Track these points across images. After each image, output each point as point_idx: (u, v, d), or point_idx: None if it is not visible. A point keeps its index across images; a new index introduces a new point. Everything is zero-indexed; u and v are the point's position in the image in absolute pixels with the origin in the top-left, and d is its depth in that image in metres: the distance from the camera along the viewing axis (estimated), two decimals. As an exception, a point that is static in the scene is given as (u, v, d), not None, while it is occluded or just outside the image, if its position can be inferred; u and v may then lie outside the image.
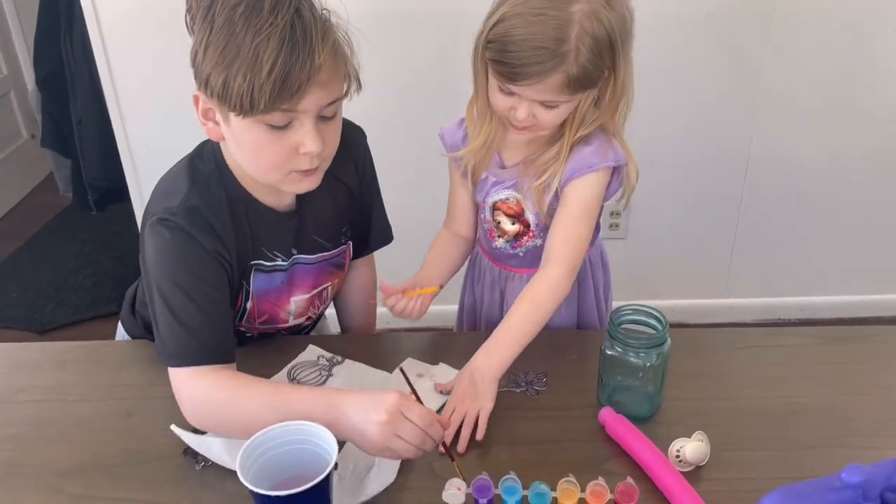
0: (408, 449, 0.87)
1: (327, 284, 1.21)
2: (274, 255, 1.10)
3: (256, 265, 1.09)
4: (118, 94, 2.10)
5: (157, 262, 0.99)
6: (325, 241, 1.16)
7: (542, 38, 0.98)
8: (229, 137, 0.97)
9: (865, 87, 2.11)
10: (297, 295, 1.17)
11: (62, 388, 1.11)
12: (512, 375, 1.10)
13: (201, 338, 0.98)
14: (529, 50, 0.99)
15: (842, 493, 0.67)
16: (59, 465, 0.97)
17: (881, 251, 2.36)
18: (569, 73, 1.00)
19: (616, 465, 0.94)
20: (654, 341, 0.96)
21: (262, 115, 0.90)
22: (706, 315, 2.41)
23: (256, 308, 1.13)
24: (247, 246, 1.06)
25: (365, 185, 1.21)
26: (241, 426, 0.92)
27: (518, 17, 1.00)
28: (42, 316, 2.60)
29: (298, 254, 1.13)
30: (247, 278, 1.09)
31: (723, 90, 2.10)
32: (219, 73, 0.88)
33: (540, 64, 0.99)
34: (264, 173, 1.00)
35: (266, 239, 1.08)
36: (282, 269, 1.12)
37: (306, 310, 1.21)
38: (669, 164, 2.17)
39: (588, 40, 0.99)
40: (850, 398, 1.05)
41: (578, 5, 0.99)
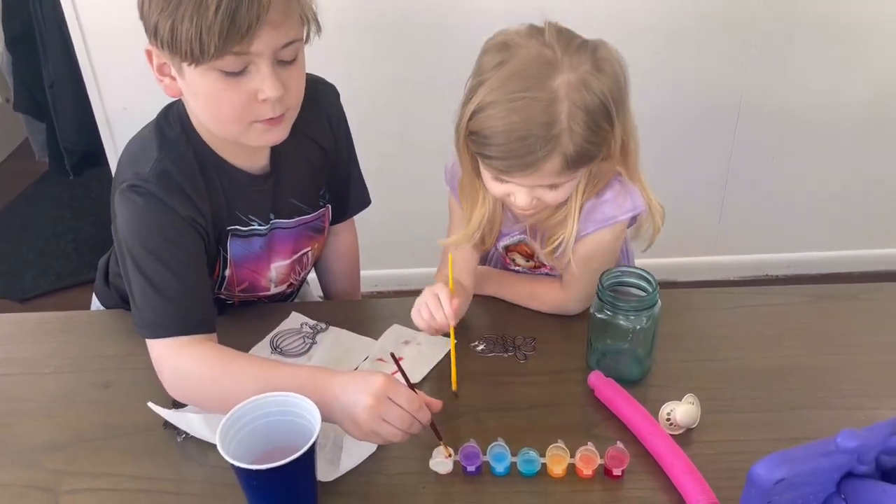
0: (394, 433, 0.84)
1: (307, 249, 1.18)
2: (250, 220, 1.07)
3: (233, 230, 1.06)
4: (91, 55, 2.02)
5: (129, 231, 0.96)
6: (304, 204, 1.13)
7: (527, 125, 0.89)
8: (186, 91, 0.93)
9: (859, 41, 2.08)
10: (278, 261, 1.14)
11: (38, 361, 1.08)
12: (500, 340, 1.08)
13: (179, 307, 0.95)
14: (516, 141, 0.90)
15: (836, 458, 0.65)
16: (36, 440, 0.95)
17: (868, 206, 2.36)
18: (566, 154, 0.91)
19: (606, 430, 0.93)
20: (645, 304, 0.94)
21: (214, 61, 0.86)
22: (694, 272, 2.41)
23: (236, 276, 1.11)
24: (221, 211, 1.03)
25: (341, 145, 1.17)
26: (223, 402, 0.88)
27: (497, 106, 0.90)
28: (23, 284, 2.56)
29: (276, 218, 1.10)
30: (223, 245, 1.06)
31: (714, 42, 2.06)
32: (165, 19, 0.84)
33: (531, 154, 0.90)
34: (225, 126, 0.95)
35: (241, 203, 1.05)
36: (259, 233, 1.09)
37: (287, 276, 1.18)
38: (658, 119, 2.14)
39: (580, 115, 0.90)
40: (838, 357, 1.04)
41: (562, 77, 0.90)
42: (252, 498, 0.80)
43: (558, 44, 0.93)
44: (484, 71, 0.94)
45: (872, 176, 2.30)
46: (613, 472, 0.86)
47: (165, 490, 0.87)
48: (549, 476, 0.87)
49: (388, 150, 2.16)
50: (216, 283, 1.10)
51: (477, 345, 1.08)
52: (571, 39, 0.94)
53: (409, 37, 2.02)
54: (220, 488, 0.87)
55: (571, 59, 0.92)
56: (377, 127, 2.12)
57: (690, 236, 2.38)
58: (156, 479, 0.89)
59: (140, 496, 0.87)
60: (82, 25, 1.98)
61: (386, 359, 1.05)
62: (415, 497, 0.86)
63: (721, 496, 0.80)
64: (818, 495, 0.68)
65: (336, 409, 0.86)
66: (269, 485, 0.77)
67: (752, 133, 2.20)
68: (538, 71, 0.91)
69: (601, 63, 0.93)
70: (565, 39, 0.94)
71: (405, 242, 2.15)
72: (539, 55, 0.92)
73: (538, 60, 0.91)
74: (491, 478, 0.88)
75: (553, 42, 0.93)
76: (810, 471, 0.66)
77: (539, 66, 0.91)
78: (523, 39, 0.94)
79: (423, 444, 0.91)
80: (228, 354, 0.95)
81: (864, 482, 0.67)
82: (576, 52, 0.93)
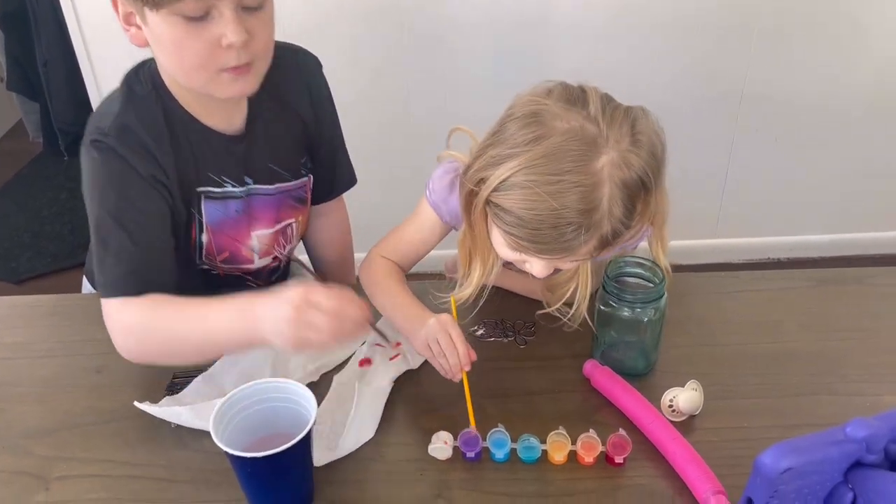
0: (322, 340, 0.82)
1: (291, 221, 1.16)
2: (223, 181, 1.04)
3: (206, 192, 1.03)
4: (84, 34, 1.99)
5: (88, 186, 0.95)
6: (283, 170, 1.10)
7: (566, 212, 0.79)
8: (151, 40, 0.91)
9: (863, 27, 2.05)
10: (259, 229, 1.11)
11: (28, 345, 1.07)
12: (499, 325, 1.07)
13: (130, 267, 0.94)
14: (550, 229, 0.81)
15: (845, 447, 0.64)
16: (26, 425, 0.93)
17: (870, 189, 2.34)
18: (602, 235, 0.83)
19: (607, 416, 0.91)
20: (651, 296, 0.91)
21: (175, 4, 0.84)
22: (696, 255, 2.39)
23: (214, 243, 1.08)
24: (189, 170, 1.00)
25: (324, 116, 1.14)
26: (163, 346, 0.90)
27: (530, 189, 0.80)
28: (19, 265, 2.54)
29: (255, 183, 1.07)
30: (196, 208, 1.04)
31: (718, 26, 2.04)
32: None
33: (565, 241, 0.81)
34: (190, 75, 0.93)
35: (212, 163, 1.02)
36: (234, 196, 1.06)
37: (271, 247, 1.15)
38: (661, 102, 2.11)
39: (620, 195, 0.81)
40: (842, 343, 1.03)
41: (606, 156, 0.80)
42: (247, 485, 0.79)
43: (603, 116, 0.83)
44: (512, 141, 0.83)
45: (875, 159, 2.28)
46: (615, 460, 0.84)
47: (158, 476, 0.86)
48: (549, 463, 0.86)
49: (388, 132, 2.14)
50: (195, 250, 1.07)
51: (476, 329, 1.06)
52: (615, 109, 0.84)
53: (413, 24, 1.99)
54: (213, 475, 0.85)
55: (614, 133, 0.82)
56: (379, 108, 2.10)
57: (692, 219, 2.37)
58: (148, 465, 0.87)
59: (132, 482, 0.85)
60: (75, 3, 1.94)
61: (384, 344, 1.03)
62: (413, 483, 0.85)
63: (724, 483, 0.78)
64: (825, 484, 0.67)
65: (266, 331, 0.84)
66: (264, 472, 0.75)
67: (755, 116, 2.18)
68: (580, 151, 0.80)
69: (639, 136, 0.83)
70: (611, 109, 0.84)
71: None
72: (581, 130, 0.81)
73: (581, 138, 0.81)
74: (491, 464, 0.86)
75: (598, 114, 0.83)
76: (818, 460, 0.64)
77: (581, 144, 0.81)
78: (561, 110, 0.83)
79: (423, 429, 0.90)
80: (163, 299, 0.93)
81: (873, 472, 0.65)
82: (619, 125, 0.83)
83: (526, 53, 2.03)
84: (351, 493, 0.83)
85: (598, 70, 2.06)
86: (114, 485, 0.85)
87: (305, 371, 0.98)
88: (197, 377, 0.98)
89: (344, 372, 0.99)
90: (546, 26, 2.00)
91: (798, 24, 2.04)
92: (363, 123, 2.12)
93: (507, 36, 2.01)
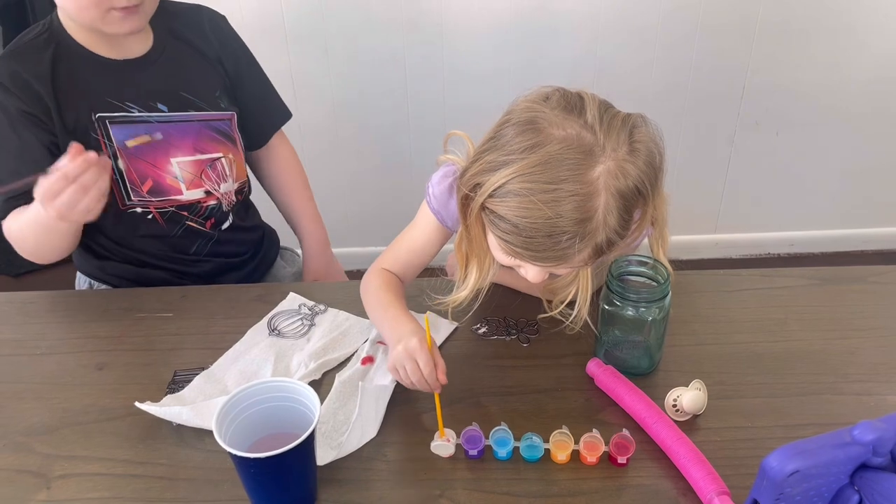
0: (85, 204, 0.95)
1: (217, 155, 1.22)
2: (127, 106, 1.12)
3: (109, 118, 1.11)
4: (82, 26, 1.98)
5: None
6: (198, 100, 1.18)
7: (560, 221, 0.79)
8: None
9: (865, 20, 2.04)
10: (178, 156, 1.17)
11: (29, 342, 1.06)
12: (502, 323, 1.06)
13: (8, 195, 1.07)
14: (545, 237, 0.80)
15: (851, 449, 0.63)
16: (27, 423, 0.92)
17: (872, 184, 2.34)
18: (597, 244, 0.82)
19: (611, 416, 0.91)
20: (656, 295, 0.90)
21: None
22: (696, 250, 2.39)
23: (133, 169, 1.14)
24: (79, 98, 1.09)
25: (239, 58, 1.25)
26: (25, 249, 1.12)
27: (525, 197, 0.79)
28: (17, 259, 2.50)
29: (169, 111, 1.15)
30: (102, 132, 1.11)
31: (720, 20, 2.03)
32: None
33: (560, 249, 0.81)
34: (82, 12, 1.04)
35: (112, 89, 1.11)
36: (144, 120, 1.13)
37: (197, 177, 1.20)
38: (662, 96, 2.11)
39: (616, 205, 0.80)
40: (846, 342, 1.02)
41: (602, 165, 0.79)
42: (249, 485, 0.78)
43: (600, 125, 0.81)
44: (508, 148, 0.82)
45: (877, 154, 2.28)
46: (618, 460, 0.84)
47: (159, 475, 0.85)
48: (552, 462, 0.85)
49: (386, 123, 2.13)
50: (118, 183, 1.14)
51: (479, 328, 1.06)
52: (613, 117, 0.83)
53: (408, 18, 1.98)
54: (215, 473, 0.85)
55: (611, 142, 0.81)
56: (378, 101, 2.09)
57: (693, 214, 2.37)
58: (150, 463, 0.87)
59: (134, 481, 0.85)
60: (73, -5, 1.92)
61: (386, 342, 1.03)
62: (416, 482, 0.84)
63: (729, 484, 0.78)
64: (831, 487, 0.66)
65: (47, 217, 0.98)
66: (268, 473, 0.75)
67: (757, 111, 2.17)
68: (576, 160, 0.79)
69: (637, 144, 0.82)
70: (609, 117, 0.82)
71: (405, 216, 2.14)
72: (578, 139, 0.80)
73: (577, 147, 0.80)
74: (493, 463, 0.86)
75: (595, 122, 0.81)
76: (825, 463, 0.63)
77: (577, 153, 0.79)
78: (558, 117, 0.82)
79: (425, 428, 0.89)
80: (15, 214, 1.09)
81: (879, 474, 0.65)
82: (617, 132, 0.81)
83: (526, 48, 2.02)
84: (354, 492, 0.83)
85: (598, 64, 2.07)
86: (115, 483, 0.84)
87: (307, 370, 0.97)
88: (198, 375, 0.98)
89: (346, 370, 0.98)
90: (546, 21, 1.99)
91: (800, 19, 2.03)
92: (363, 118, 2.12)
93: (506, 30, 2.00)
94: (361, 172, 2.21)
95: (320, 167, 1.73)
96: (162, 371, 0.99)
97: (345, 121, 2.13)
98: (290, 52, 1.97)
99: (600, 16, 2.00)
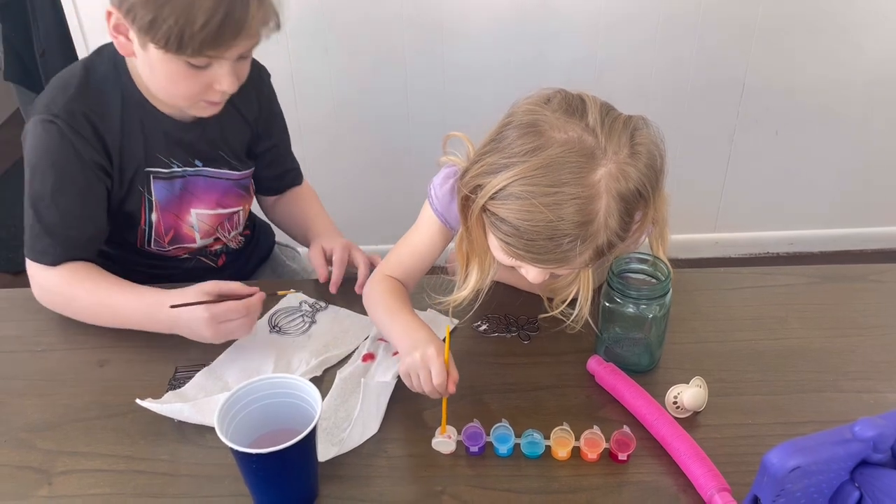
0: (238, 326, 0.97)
1: (238, 209, 1.21)
2: (171, 162, 1.10)
3: (154, 173, 1.09)
4: (82, 23, 1.99)
5: (31, 159, 1.02)
6: (232, 159, 1.17)
7: (562, 224, 0.79)
8: (143, 61, 0.96)
9: (864, 18, 2.04)
10: (199, 207, 1.16)
11: (30, 338, 1.06)
12: (503, 320, 1.06)
13: (58, 241, 1.03)
14: (546, 240, 0.80)
15: (851, 446, 0.64)
16: (29, 419, 0.93)
17: (872, 183, 2.34)
18: (598, 246, 0.82)
19: (611, 413, 0.91)
20: (657, 292, 0.91)
21: (187, 57, 0.92)
22: (695, 249, 2.39)
23: (162, 221, 1.13)
24: (137, 152, 1.07)
25: (271, 121, 1.22)
26: (77, 314, 1.05)
27: (526, 200, 0.79)
28: (17, 256, 2.51)
29: (204, 166, 1.13)
30: (145, 186, 1.09)
31: (719, 18, 2.03)
32: (148, 10, 0.88)
33: (561, 252, 0.81)
34: (172, 99, 1.02)
35: (163, 146, 1.08)
36: (179, 175, 1.11)
37: (212, 229, 1.20)
38: (661, 94, 2.11)
39: (617, 207, 0.80)
40: (846, 340, 1.03)
41: (603, 168, 0.80)
42: (251, 481, 0.78)
43: (601, 127, 0.81)
44: (509, 150, 0.82)
45: (876, 153, 2.28)
46: (619, 457, 0.84)
47: (161, 471, 0.85)
48: (553, 458, 0.85)
49: (386, 122, 2.13)
50: (144, 232, 1.13)
51: (479, 325, 1.06)
52: (615, 120, 0.83)
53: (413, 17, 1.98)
54: (216, 469, 0.85)
55: (613, 144, 0.81)
56: (380, 102, 2.09)
57: (692, 213, 2.37)
58: (151, 459, 0.87)
59: (135, 477, 0.85)
60: (73, -8, 1.93)
61: (386, 339, 1.03)
62: (417, 479, 0.84)
63: (729, 481, 0.78)
64: (831, 483, 0.67)
65: (181, 329, 0.98)
66: (269, 469, 0.75)
67: (756, 110, 2.17)
68: (578, 164, 0.79)
69: (638, 147, 0.82)
70: (610, 120, 0.83)
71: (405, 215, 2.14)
72: (580, 142, 0.80)
73: (579, 150, 0.80)
74: (494, 459, 0.86)
75: (597, 125, 0.81)
76: (825, 459, 0.64)
77: (579, 157, 0.79)
78: (560, 120, 0.82)
79: (426, 424, 0.90)
80: (81, 276, 1.04)
81: (879, 470, 0.65)
82: (618, 135, 0.82)
83: (526, 47, 2.02)
84: (355, 488, 0.83)
85: (598, 63, 2.07)
86: (117, 479, 0.85)
87: (308, 366, 0.98)
88: (199, 371, 0.98)
89: (347, 367, 0.99)
90: (546, 19, 1.99)
91: (799, 17, 2.03)
92: (363, 117, 2.12)
93: (506, 29, 2.00)
94: (361, 171, 2.20)
95: (320, 166, 1.72)
96: (163, 368, 0.99)
97: (345, 119, 2.13)
98: (289, 50, 1.97)
99: (601, 14, 2.00)
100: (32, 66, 2.60)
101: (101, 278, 1.04)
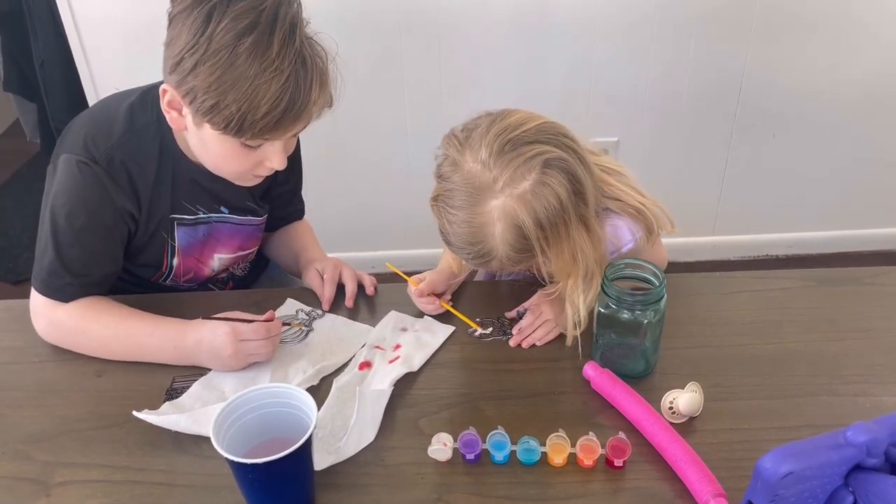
0: (262, 355, 0.99)
1: (254, 249, 1.24)
2: (196, 209, 1.10)
3: (179, 220, 1.09)
4: (81, 33, 1.98)
5: (60, 195, 1.00)
6: (257, 206, 1.18)
7: (463, 238, 0.91)
8: (195, 136, 0.96)
9: (861, 19, 2.05)
10: (222, 253, 1.17)
11: (27, 349, 1.06)
12: (496, 323, 1.07)
13: (77, 281, 1.02)
14: (457, 246, 0.93)
15: (845, 451, 0.64)
16: (26, 430, 0.93)
17: (870, 185, 2.34)
18: (501, 261, 0.92)
19: (607, 419, 0.91)
20: (651, 298, 0.91)
21: (244, 140, 0.93)
22: (693, 252, 2.39)
23: (182, 265, 1.14)
24: (165, 200, 1.06)
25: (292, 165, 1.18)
26: (91, 348, 1.02)
27: (441, 214, 0.93)
28: (17, 266, 2.53)
29: (230, 213, 1.14)
30: (169, 232, 1.09)
31: (716, 20, 2.03)
32: (211, 95, 0.88)
33: (471, 259, 0.95)
34: (221, 172, 1.02)
35: (190, 194, 1.08)
36: (204, 221, 1.11)
37: (228, 267, 1.22)
38: (658, 97, 2.11)
39: (510, 237, 0.89)
40: (842, 343, 1.03)
41: (497, 200, 0.88)
42: (247, 491, 0.79)
43: (496, 162, 0.88)
44: (441, 170, 0.94)
45: (873, 155, 2.28)
46: (615, 463, 0.84)
47: (158, 481, 0.86)
48: (549, 465, 0.86)
49: (383, 125, 2.14)
50: (164, 273, 1.13)
51: (474, 331, 1.06)
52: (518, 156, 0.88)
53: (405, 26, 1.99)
54: (214, 479, 0.85)
55: (506, 177, 0.88)
56: (377, 111, 2.09)
57: (690, 216, 2.37)
58: (148, 470, 0.87)
59: (133, 487, 0.85)
60: (71, 3, 1.93)
61: (383, 346, 1.03)
62: (413, 486, 0.84)
63: (725, 486, 0.78)
64: (825, 488, 0.67)
65: (203, 350, 0.98)
66: (265, 478, 0.75)
67: (753, 112, 2.17)
68: (469, 194, 0.90)
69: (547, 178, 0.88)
70: (511, 157, 0.88)
71: (403, 219, 2.14)
72: (475, 175, 0.89)
73: (470, 183, 0.90)
74: (491, 466, 0.86)
75: (490, 159, 0.89)
76: (819, 464, 0.64)
77: (472, 188, 0.89)
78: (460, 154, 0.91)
79: (422, 432, 0.90)
80: (96, 308, 1.03)
81: (873, 475, 0.65)
82: (514, 170, 0.88)
83: (523, 50, 2.03)
84: (352, 496, 0.83)
85: (595, 65, 2.07)
86: (114, 490, 0.85)
87: (305, 375, 0.98)
88: (196, 381, 0.98)
89: (343, 376, 0.99)
90: (543, 21, 1.99)
91: (796, 19, 2.03)
92: (360, 120, 2.12)
93: (504, 32, 2.00)
94: (358, 175, 2.21)
95: (317, 170, 1.72)
96: (160, 378, 0.99)
97: (341, 123, 2.13)
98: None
99: (597, 17, 2.00)
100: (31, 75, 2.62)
101: (118, 311, 1.04)
